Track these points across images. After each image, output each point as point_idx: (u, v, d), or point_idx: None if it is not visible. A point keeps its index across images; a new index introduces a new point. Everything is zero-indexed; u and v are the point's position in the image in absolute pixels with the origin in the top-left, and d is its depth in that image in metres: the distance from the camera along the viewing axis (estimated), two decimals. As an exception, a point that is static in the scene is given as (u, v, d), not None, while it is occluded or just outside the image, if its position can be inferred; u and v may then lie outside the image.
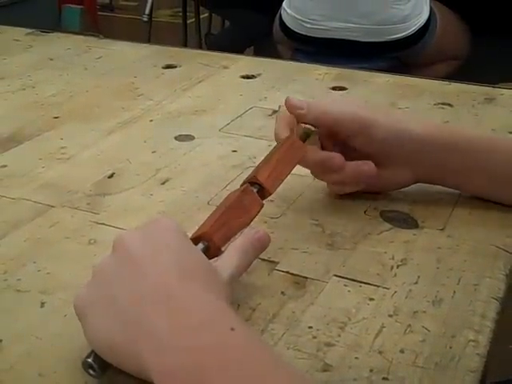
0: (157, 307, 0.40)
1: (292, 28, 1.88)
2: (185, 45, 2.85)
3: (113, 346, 0.41)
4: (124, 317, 0.41)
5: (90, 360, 0.42)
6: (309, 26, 1.85)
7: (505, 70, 1.74)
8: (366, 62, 1.86)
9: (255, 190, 0.54)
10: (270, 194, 0.55)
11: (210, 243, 0.49)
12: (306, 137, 0.60)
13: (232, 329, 0.38)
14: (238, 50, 2.31)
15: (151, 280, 0.41)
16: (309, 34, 1.87)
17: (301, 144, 0.59)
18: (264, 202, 0.55)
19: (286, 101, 0.61)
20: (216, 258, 0.48)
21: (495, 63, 1.96)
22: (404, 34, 1.83)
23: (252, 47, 2.58)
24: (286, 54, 2.01)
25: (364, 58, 1.86)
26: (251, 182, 0.55)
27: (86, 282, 0.45)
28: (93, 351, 0.43)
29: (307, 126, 0.60)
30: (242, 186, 0.55)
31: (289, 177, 0.58)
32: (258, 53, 2.45)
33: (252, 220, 0.53)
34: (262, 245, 0.50)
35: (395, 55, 1.90)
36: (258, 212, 0.54)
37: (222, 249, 0.49)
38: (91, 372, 0.43)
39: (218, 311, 0.40)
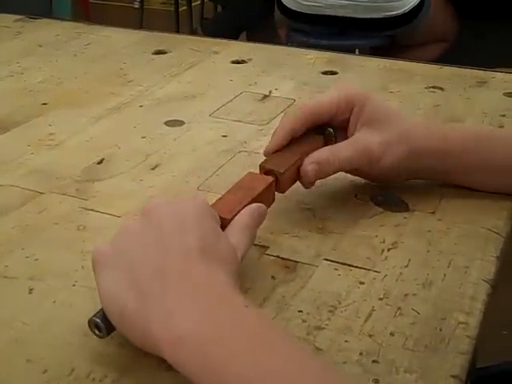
0: (175, 282, 0.41)
1: (289, 6, 1.91)
2: (177, 32, 2.84)
3: (123, 312, 0.41)
4: (140, 286, 0.41)
5: (98, 320, 0.42)
6: (305, 3, 1.86)
7: (495, 55, 1.74)
8: (362, 40, 1.88)
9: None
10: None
11: (224, 221, 0.49)
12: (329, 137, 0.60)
13: (246, 306, 0.40)
14: (232, 34, 2.31)
15: (174, 255, 0.42)
16: (305, 12, 1.89)
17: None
18: None
19: (301, 173, 0.57)
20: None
21: (484, 49, 1.96)
22: (400, 11, 1.85)
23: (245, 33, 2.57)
24: (285, 38, 2.02)
25: (359, 35, 1.87)
26: None
27: (110, 238, 0.45)
28: (101, 310, 0.43)
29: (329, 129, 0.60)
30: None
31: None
32: (251, 37, 2.45)
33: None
34: (261, 221, 0.51)
35: (390, 33, 1.91)
36: (267, 188, 0.54)
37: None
38: (96, 332, 0.43)
39: (233, 291, 0.42)
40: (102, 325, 0.42)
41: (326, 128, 0.60)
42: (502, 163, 0.60)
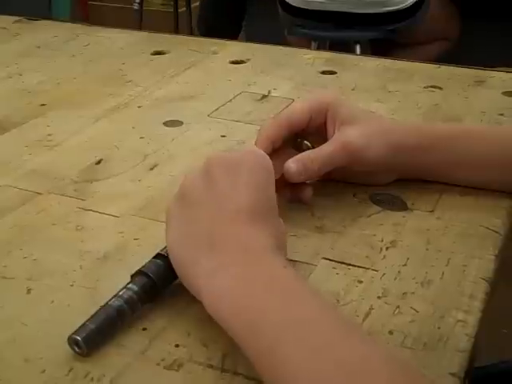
0: (221, 242, 0.44)
1: (290, 2, 1.92)
2: (176, 33, 2.84)
3: (182, 261, 0.46)
4: (193, 241, 0.45)
5: (77, 337, 0.42)
6: None
7: (495, 54, 1.74)
8: (362, 32, 1.89)
9: None
10: None
11: None
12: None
13: (284, 267, 0.43)
14: (224, 23, 2.33)
15: (223, 215, 0.46)
16: (306, 8, 1.90)
17: None
18: None
19: (284, 172, 0.57)
20: None
21: (485, 47, 1.97)
22: (400, 6, 1.86)
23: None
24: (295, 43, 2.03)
25: (360, 29, 1.89)
26: None
27: (175, 193, 0.49)
28: (80, 327, 0.43)
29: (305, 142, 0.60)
30: None
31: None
32: (250, 26, 2.45)
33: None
34: None
35: (390, 28, 1.92)
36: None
37: None
38: (76, 349, 0.43)
39: (272, 252, 0.44)
40: (82, 342, 0.43)
41: (303, 141, 0.60)
42: (478, 159, 0.60)
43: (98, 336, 0.44)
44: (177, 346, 0.45)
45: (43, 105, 0.83)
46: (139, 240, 0.56)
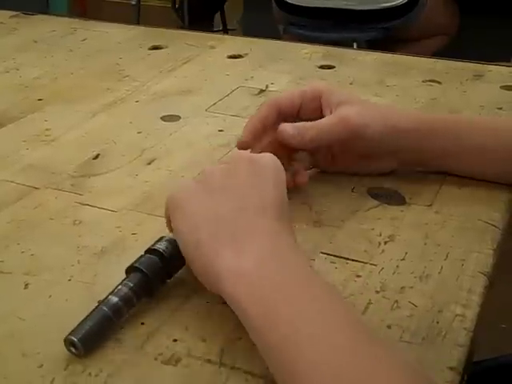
0: (247, 227, 0.45)
1: (286, 0, 1.91)
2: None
3: (198, 241, 0.45)
4: (218, 222, 0.45)
5: (74, 338, 0.42)
6: None
7: (493, 50, 1.74)
8: (358, 33, 1.89)
9: None
10: None
11: None
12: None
13: (310, 265, 0.44)
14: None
15: (252, 204, 0.46)
16: (302, 5, 1.89)
17: None
18: None
19: (278, 132, 0.59)
20: None
21: (484, 43, 1.96)
22: (397, 2, 1.85)
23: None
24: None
25: (356, 28, 1.88)
26: None
27: (194, 178, 0.49)
28: (76, 328, 0.42)
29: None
30: None
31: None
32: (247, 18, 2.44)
33: None
34: None
35: (387, 25, 1.92)
36: None
37: None
38: (73, 350, 0.42)
39: (296, 249, 0.45)
40: (79, 343, 0.42)
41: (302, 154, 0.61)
42: (478, 148, 0.60)
43: (95, 336, 0.43)
44: (175, 340, 0.45)
45: (40, 99, 0.83)
46: (137, 235, 0.56)
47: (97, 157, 0.69)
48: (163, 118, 0.77)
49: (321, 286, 0.42)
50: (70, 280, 0.50)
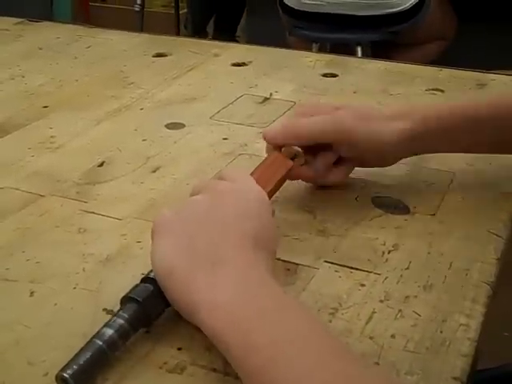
0: (225, 259, 0.45)
1: (289, 4, 1.93)
2: (177, 35, 2.84)
3: (172, 271, 0.44)
4: (194, 253, 0.45)
5: (65, 374, 0.40)
6: (305, 1, 1.89)
7: (493, 56, 1.75)
8: (362, 34, 1.90)
9: None
10: None
11: None
12: (292, 157, 0.60)
13: (284, 292, 0.44)
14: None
15: (231, 236, 0.46)
16: (306, 10, 1.90)
17: (284, 159, 0.59)
18: None
19: (263, 135, 0.60)
20: None
21: (483, 50, 1.97)
22: (400, 8, 1.86)
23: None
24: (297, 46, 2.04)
25: (360, 31, 1.89)
26: None
27: (176, 207, 0.49)
28: (67, 364, 0.41)
29: (294, 148, 0.61)
30: None
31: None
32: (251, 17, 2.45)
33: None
34: None
35: (390, 30, 1.93)
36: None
37: None
38: None
39: (272, 279, 0.45)
40: (71, 380, 0.40)
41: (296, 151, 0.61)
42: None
43: (87, 372, 0.41)
44: (179, 349, 0.45)
45: (45, 107, 0.83)
46: (142, 243, 0.56)
47: (102, 164, 0.69)
48: (168, 126, 0.78)
49: (295, 310, 0.43)
50: (75, 288, 0.51)
